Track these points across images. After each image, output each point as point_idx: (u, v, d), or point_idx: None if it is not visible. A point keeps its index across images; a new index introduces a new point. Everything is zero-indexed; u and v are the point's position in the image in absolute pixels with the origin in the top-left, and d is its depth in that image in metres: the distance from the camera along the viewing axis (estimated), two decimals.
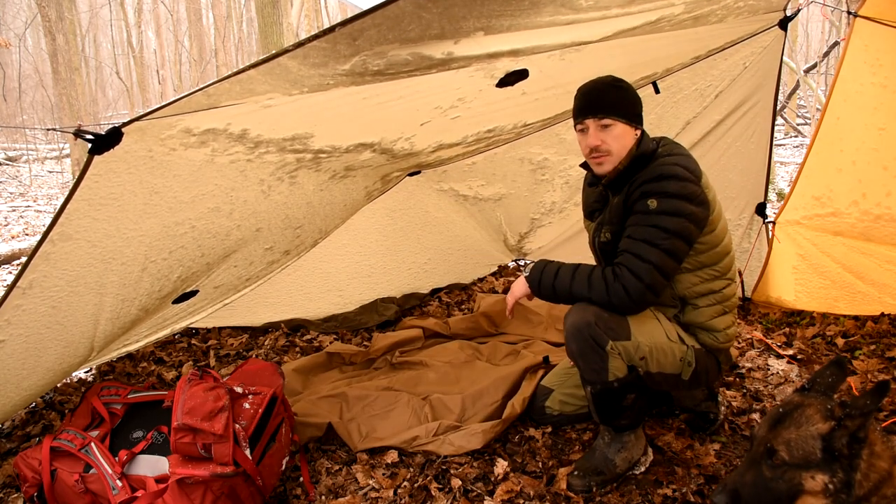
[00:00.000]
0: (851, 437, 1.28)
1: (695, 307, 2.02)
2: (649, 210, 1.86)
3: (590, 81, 2.02)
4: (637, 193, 1.89)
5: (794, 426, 1.33)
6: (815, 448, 1.29)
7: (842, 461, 1.28)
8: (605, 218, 2.06)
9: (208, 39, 19.44)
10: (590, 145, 1.97)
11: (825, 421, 1.31)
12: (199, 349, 3.32)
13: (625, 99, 1.97)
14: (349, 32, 1.47)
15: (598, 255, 2.15)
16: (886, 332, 2.98)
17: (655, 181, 1.88)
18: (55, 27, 10.11)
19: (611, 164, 1.98)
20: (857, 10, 2.77)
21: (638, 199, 1.89)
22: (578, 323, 1.88)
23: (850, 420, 1.28)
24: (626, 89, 1.99)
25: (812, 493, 1.30)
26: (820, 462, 1.29)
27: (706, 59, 3.03)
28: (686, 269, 1.97)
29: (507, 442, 2.29)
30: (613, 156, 1.97)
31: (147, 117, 1.63)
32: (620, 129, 1.95)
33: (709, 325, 2.03)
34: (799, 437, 1.31)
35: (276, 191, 2.54)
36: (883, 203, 2.96)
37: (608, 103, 1.95)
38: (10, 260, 6.00)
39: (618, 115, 1.94)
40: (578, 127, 2.01)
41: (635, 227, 1.88)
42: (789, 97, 9.69)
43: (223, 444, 1.81)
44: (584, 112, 1.98)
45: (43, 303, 1.99)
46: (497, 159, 3.62)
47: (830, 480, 1.28)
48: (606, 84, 1.98)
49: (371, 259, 3.75)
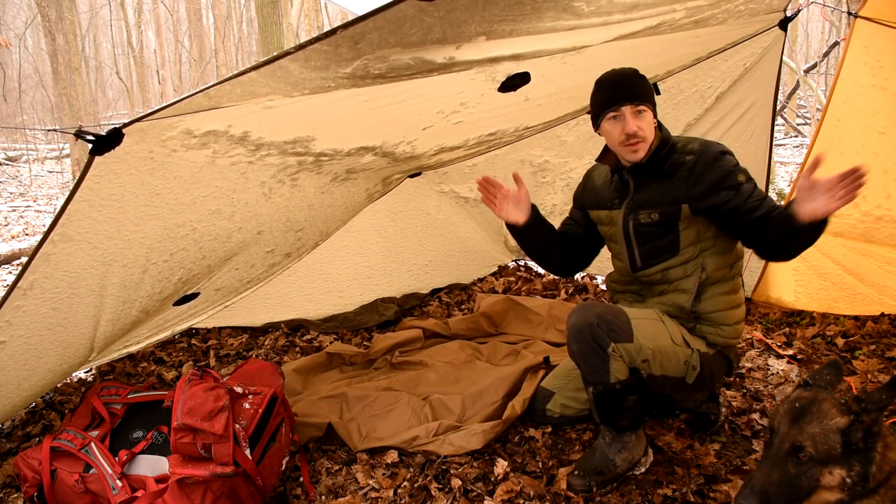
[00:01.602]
0: (866, 430, 1.29)
1: (711, 295, 2.03)
2: (744, 182, 1.93)
3: (612, 72, 2.05)
4: (714, 175, 1.94)
5: (815, 421, 1.33)
6: (836, 442, 1.30)
7: (858, 454, 1.30)
8: (642, 202, 2.06)
9: (208, 39, 19.44)
10: (628, 131, 1.98)
11: (843, 415, 1.32)
12: (199, 349, 3.32)
13: (649, 88, 2.04)
14: (351, 35, 1.48)
15: (629, 236, 2.10)
16: (886, 333, 2.98)
17: (722, 157, 1.96)
18: (55, 27, 10.11)
19: (644, 150, 2.01)
20: (857, 11, 2.77)
21: (724, 177, 1.93)
22: (580, 324, 1.89)
23: (866, 414, 1.29)
24: (646, 79, 2.05)
25: (828, 488, 1.31)
26: (839, 457, 1.30)
27: (707, 60, 3.03)
28: (717, 249, 2.02)
29: (507, 442, 2.29)
30: (647, 141, 2.00)
31: (148, 118, 1.64)
32: (650, 116, 2.01)
33: (720, 317, 2.04)
34: (822, 432, 1.32)
35: (277, 193, 2.54)
36: (883, 205, 2.96)
37: (640, 91, 1.99)
38: (10, 260, 6.00)
39: (649, 102, 2.00)
40: (611, 114, 2.01)
41: (751, 198, 1.91)
42: (789, 97, 9.69)
43: (223, 444, 1.81)
44: (619, 99, 1.99)
45: (44, 304, 1.99)
46: (498, 161, 3.62)
47: (848, 474, 1.30)
48: (632, 73, 2.03)
49: (371, 260, 3.75)
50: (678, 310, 2.04)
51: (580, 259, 2.34)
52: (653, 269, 2.07)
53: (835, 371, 1.49)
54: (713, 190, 1.93)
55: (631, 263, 2.12)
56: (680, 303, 2.04)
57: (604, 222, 2.21)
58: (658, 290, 2.11)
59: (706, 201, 1.95)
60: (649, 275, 2.09)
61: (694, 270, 2.02)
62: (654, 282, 2.10)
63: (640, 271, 2.10)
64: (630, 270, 2.13)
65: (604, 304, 1.98)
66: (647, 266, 2.08)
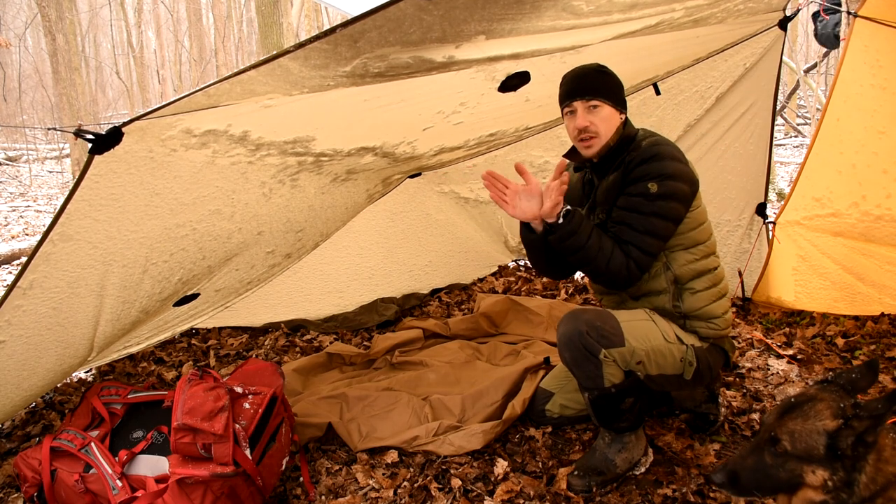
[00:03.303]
0: (857, 438, 1.27)
1: (692, 292, 2.02)
2: (650, 194, 1.89)
3: (576, 67, 2.05)
4: (637, 173, 1.92)
5: (801, 418, 1.33)
6: (818, 443, 1.29)
7: (844, 461, 1.28)
8: (596, 200, 2.07)
9: (208, 39, 19.43)
10: (578, 126, 1.99)
11: (834, 419, 1.30)
12: (199, 349, 3.32)
13: (610, 83, 2.01)
14: (350, 34, 1.47)
15: None
16: (886, 332, 2.98)
17: (655, 161, 1.91)
18: (55, 27, 10.11)
19: (598, 146, 2.00)
20: (857, 11, 2.77)
21: (638, 180, 1.91)
22: (570, 333, 1.89)
23: (857, 421, 1.27)
24: (610, 74, 2.03)
25: (812, 487, 1.31)
26: (822, 458, 1.29)
27: (706, 60, 3.03)
28: (680, 246, 2.00)
29: (507, 442, 2.29)
30: (601, 137, 1.99)
31: (147, 117, 1.63)
32: (607, 111, 1.98)
33: (708, 311, 2.03)
34: (804, 430, 1.31)
35: (277, 193, 2.54)
36: (883, 204, 2.96)
37: (595, 86, 1.98)
38: (10, 260, 6.00)
39: (605, 97, 1.97)
40: (566, 109, 2.03)
41: (637, 215, 1.90)
42: (789, 97, 9.68)
43: (223, 444, 1.81)
44: (571, 94, 2.00)
45: (43, 304, 1.99)
46: (498, 161, 3.62)
47: (830, 478, 1.29)
48: (592, 69, 2.02)
49: (371, 261, 3.75)
50: (662, 311, 2.05)
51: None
52: None
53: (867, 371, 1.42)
54: (627, 184, 1.94)
55: None
56: (660, 304, 2.04)
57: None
58: (630, 291, 2.10)
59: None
60: None
61: (657, 269, 2.01)
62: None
63: None
64: None
65: (593, 310, 1.96)
66: None
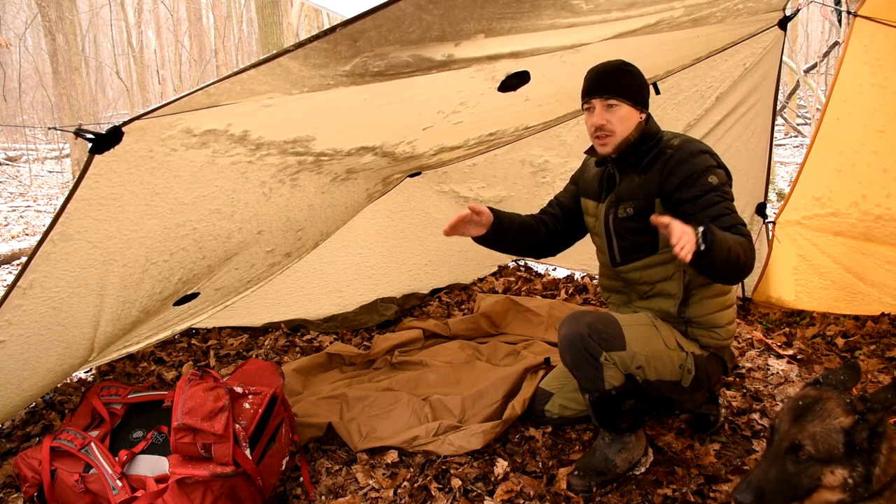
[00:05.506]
0: (871, 431, 1.28)
1: (700, 298, 2.02)
2: (715, 186, 1.89)
3: (599, 64, 2.05)
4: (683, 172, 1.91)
5: (818, 420, 1.32)
6: (838, 442, 1.29)
7: (862, 455, 1.28)
8: (622, 195, 2.06)
9: (208, 39, 19.43)
10: (595, 124, 2.00)
11: (847, 415, 1.31)
12: (199, 349, 3.32)
13: (631, 82, 2.00)
14: (350, 33, 1.47)
15: (609, 230, 2.11)
16: (886, 332, 2.98)
17: (698, 155, 1.93)
18: (55, 27, 10.11)
19: (612, 145, 2.01)
20: (856, 10, 2.77)
21: (695, 179, 1.89)
22: (571, 335, 1.90)
23: (871, 414, 1.28)
24: (633, 73, 2.02)
25: (829, 488, 1.30)
26: (842, 456, 1.29)
27: (706, 60, 3.03)
28: None
29: (507, 442, 2.29)
30: (616, 136, 2.00)
31: (147, 116, 1.63)
32: (625, 110, 1.98)
33: (712, 320, 2.03)
34: (824, 431, 1.30)
35: (277, 193, 2.54)
36: (883, 204, 2.96)
37: (615, 84, 1.98)
38: (10, 260, 6.00)
39: (623, 96, 1.97)
40: (585, 106, 2.04)
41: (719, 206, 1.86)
42: (789, 97, 9.68)
43: (223, 444, 1.81)
44: (591, 92, 2.01)
45: (43, 303, 1.99)
46: (497, 161, 3.62)
47: (850, 475, 1.28)
48: (615, 67, 2.02)
49: (371, 260, 3.75)
50: (666, 315, 2.05)
51: (560, 239, 2.33)
52: (631, 265, 2.07)
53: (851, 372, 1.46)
54: (681, 185, 1.93)
55: (611, 258, 2.13)
56: (666, 308, 2.04)
57: (589, 213, 2.23)
58: (641, 290, 2.10)
59: (673, 196, 1.94)
60: (628, 272, 2.09)
61: (675, 273, 2.01)
62: (634, 281, 2.10)
63: (620, 267, 2.11)
64: (611, 265, 2.14)
65: (595, 313, 1.97)
66: (626, 262, 2.08)
